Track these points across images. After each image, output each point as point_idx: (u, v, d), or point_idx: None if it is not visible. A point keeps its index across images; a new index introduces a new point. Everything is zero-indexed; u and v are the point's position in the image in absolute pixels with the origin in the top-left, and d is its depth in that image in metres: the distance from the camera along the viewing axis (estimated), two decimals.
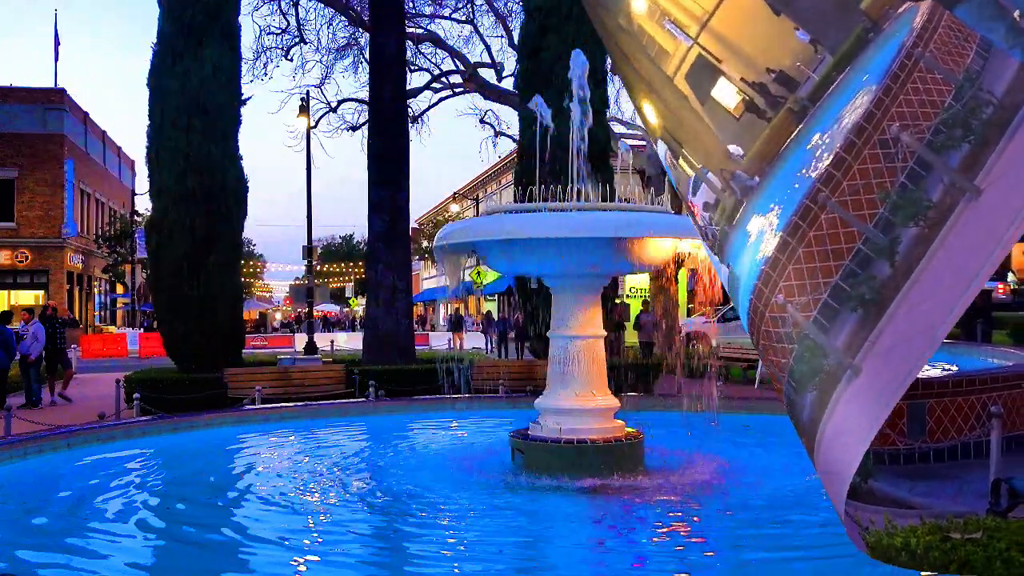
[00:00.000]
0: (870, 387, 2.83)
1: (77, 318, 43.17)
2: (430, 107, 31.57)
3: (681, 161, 3.80)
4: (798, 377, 3.01)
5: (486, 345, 35.75)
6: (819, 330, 2.96)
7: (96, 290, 51.87)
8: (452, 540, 6.36)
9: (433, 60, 30.49)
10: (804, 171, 3.13)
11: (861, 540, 2.96)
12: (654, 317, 20.93)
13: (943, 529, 2.87)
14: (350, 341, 40.71)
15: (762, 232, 3.22)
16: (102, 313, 53.23)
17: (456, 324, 42.23)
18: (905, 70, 3.02)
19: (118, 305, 56.74)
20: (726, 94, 3.54)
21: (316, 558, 6.04)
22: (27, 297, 41.29)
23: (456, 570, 5.67)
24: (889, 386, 2.81)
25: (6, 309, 21.23)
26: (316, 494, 7.73)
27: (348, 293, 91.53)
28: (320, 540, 6.43)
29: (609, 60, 23.86)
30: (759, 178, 3.32)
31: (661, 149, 4.00)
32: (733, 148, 3.48)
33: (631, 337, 24.26)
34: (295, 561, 5.94)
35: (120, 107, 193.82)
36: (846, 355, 2.89)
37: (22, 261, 42.15)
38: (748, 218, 3.32)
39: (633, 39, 4.02)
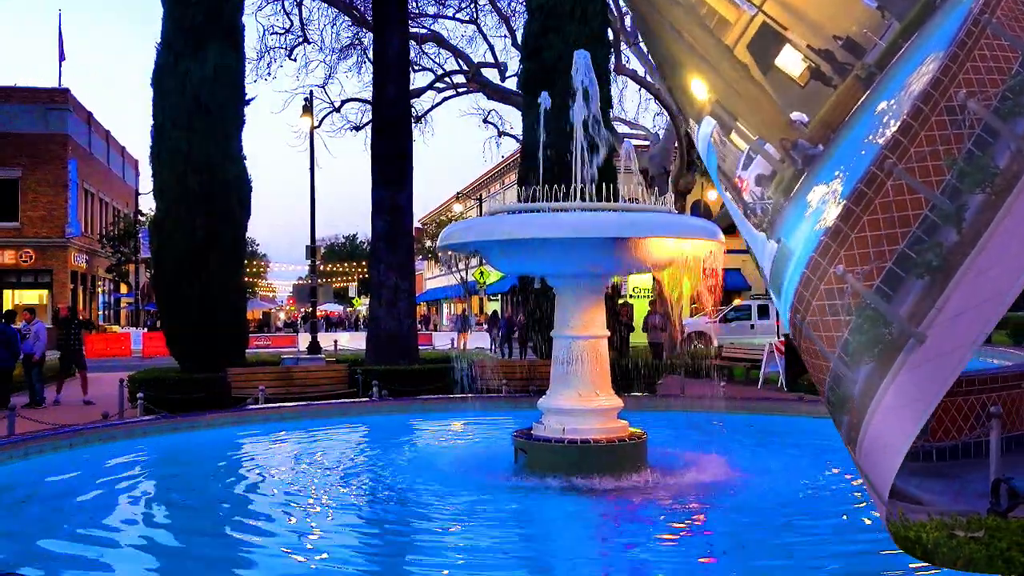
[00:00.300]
0: (935, 354, 2.82)
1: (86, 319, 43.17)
2: (433, 107, 31.63)
3: (733, 135, 3.76)
4: (853, 349, 2.97)
5: (491, 345, 35.75)
6: (882, 299, 2.94)
7: (100, 290, 51.93)
8: (455, 540, 6.35)
9: (436, 60, 30.57)
10: (871, 138, 3.12)
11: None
12: (663, 318, 20.85)
13: (948, 526, 2.87)
14: (353, 341, 40.74)
15: (824, 201, 3.18)
16: (106, 313, 53.28)
17: (463, 324, 42.25)
18: (972, 37, 3.02)
19: (122, 305, 56.82)
20: (791, 62, 3.52)
21: (319, 556, 6.04)
22: (31, 297, 41.42)
23: (459, 569, 5.66)
24: (954, 353, 2.81)
25: (9, 309, 21.23)
26: (318, 493, 7.73)
27: (351, 293, 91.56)
28: (323, 539, 6.42)
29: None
30: (823, 146, 3.30)
31: (705, 128, 3.94)
32: (797, 115, 3.46)
33: (636, 337, 24.24)
34: (298, 559, 5.95)
35: (124, 107, 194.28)
36: (910, 323, 2.87)
37: (26, 261, 42.20)
38: (809, 188, 3.29)
39: (688, 11, 4.00)
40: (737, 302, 38.21)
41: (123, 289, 55.30)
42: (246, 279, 21.84)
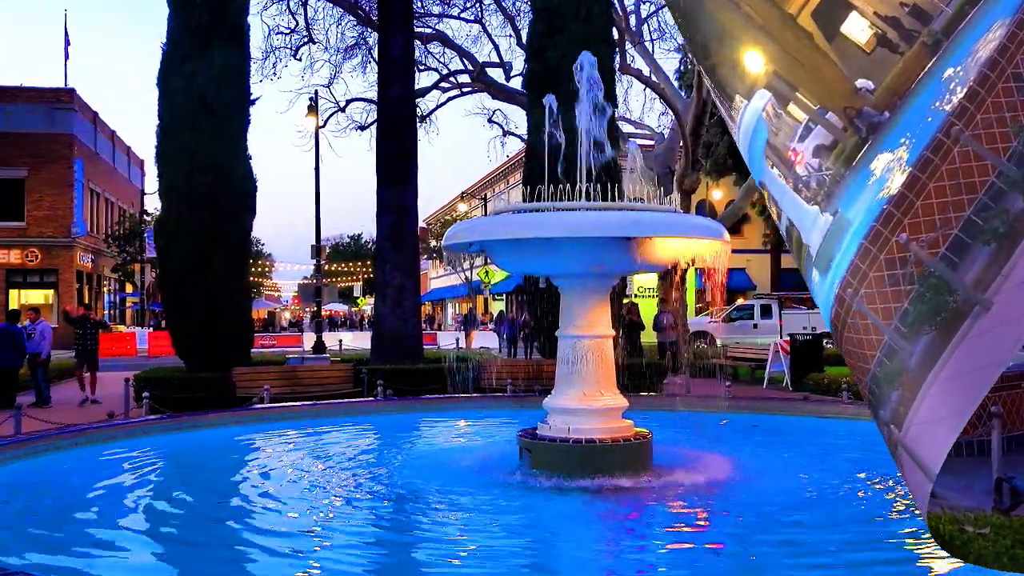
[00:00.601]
0: (1001, 321, 2.80)
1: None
2: (438, 107, 31.60)
3: (791, 107, 3.72)
4: (913, 319, 2.95)
5: (499, 344, 35.74)
6: (947, 266, 2.92)
7: (105, 289, 52.04)
8: (461, 538, 6.35)
9: (441, 60, 30.53)
10: (937, 104, 3.10)
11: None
12: (673, 317, 20.71)
13: (958, 521, 2.88)
14: (357, 340, 40.79)
15: (888, 169, 3.16)
16: (111, 312, 53.36)
17: (470, 323, 42.30)
18: None
19: (127, 304, 56.93)
20: (857, 29, 3.49)
21: (325, 554, 6.05)
22: (37, 296, 41.47)
23: (464, 569, 5.67)
24: (1021, 320, 2.79)
25: (14, 308, 21.25)
26: (323, 492, 7.74)
27: (356, 292, 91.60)
28: (328, 537, 6.42)
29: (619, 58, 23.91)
30: (888, 113, 3.28)
31: (757, 102, 3.88)
32: (862, 83, 3.44)
33: (645, 336, 24.19)
34: (303, 556, 5.95)
35: (130, 107, 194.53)
36: (976, 290, 2.86)
37: (32, 260, 42.33)
38: (873, 156, 3.26)
39: None
40: (740, 301, 38.22)
41: (128, 289, 55.42)
42: (251, 279, 21.86)
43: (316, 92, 28.48)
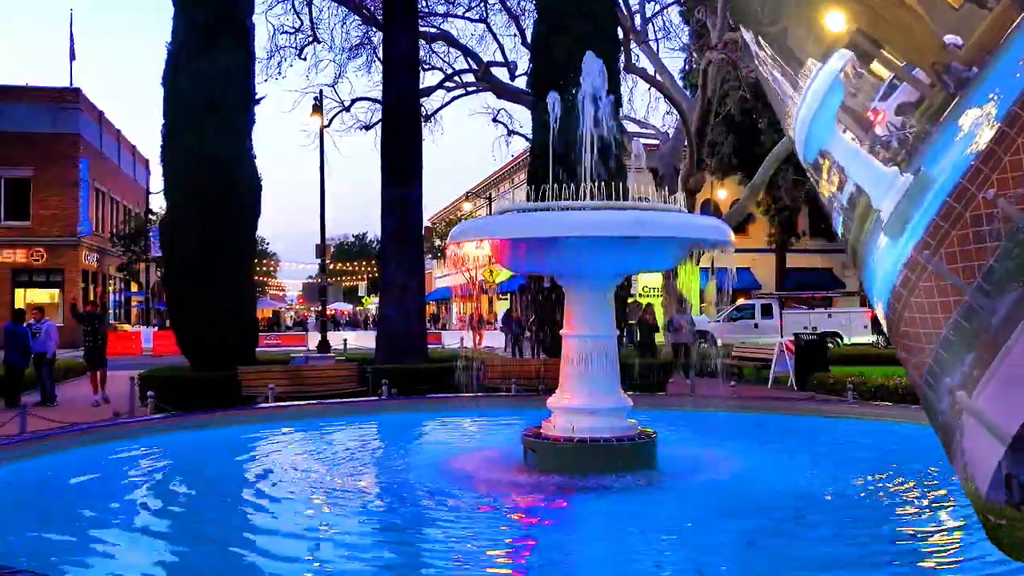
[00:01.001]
0: None
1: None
2: (443, 106, 31.60)
3: (874, 65, 3.69)
4: (999, 276, 2.91)
5: (504, 344, 35.69)
6: None
7: (111, 288, 52.11)
8: (465, 536, 6.36)
9: (446, 59, 30.55)
10: None
11: None
12: (690, 318, 20.49)
13: (984, 511, 2.89)
14: (362, 340, 40.83)
15: (976, 125, 3.11)
16: (117, 311, 53.46)
17: (478, 322, 42.31)
18: None
19: (133, 303, 57.05)
20: None
21: (329, 552, 6.07)
22: (42, 296, 41.54)
23: (468, 567, 5.67)
24: None
25: (19, 308, 21.29)
26: (327, 492, 7.74)
27: (361, 292, 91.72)
28: (332, 536, 6.42)
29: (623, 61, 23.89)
30: (977, 69, 3.24)
31: (836, 63, 3.84)
32: (950, 39, 3.42)
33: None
34: (309, 553, 5.98)
35: (135, 106, 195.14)
36: None
37: (37, 260, 42.46)
38: (960, 112, 3.21)
39: None
40: (740, 301, 38.18)
41: (134, 288, 55.58)
42: (256, 278, 21.88)
43: (321, 91, 28.50)
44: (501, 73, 29.39)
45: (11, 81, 47.85)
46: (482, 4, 29.00)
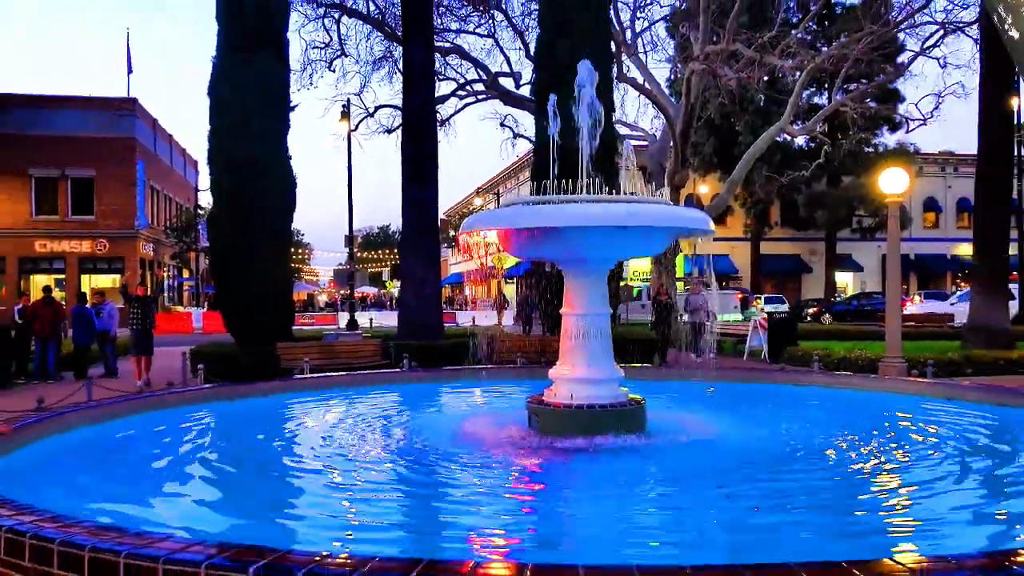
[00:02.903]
0: None
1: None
2: (456, 112, 31.44)
3: None
4: None
5: (514, 321, 35.60)
6: None
7: (165, 274, 52.31)
8: (478, 489, 6.39)
9: (459, 70, 30.41)
10: None
11: None
12: (705, 298, 20.02)
13: None
14: (385, 319, 40.87)
15: None
16: (170, 295, 53.64)
17: (501, 304, 42.22)
18: None
19: (184, 288, 57.23)
20: None
21: (360, 498, 6.12)
22: (105, 281, 41.71)
23: (481, 515, 5.69)
24: None
25: (82, 292, 21.37)
26: (358, 448, 7.79)
27: (385, 277, 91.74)
28: (361, 487, 6.47)
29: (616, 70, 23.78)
30: None
31: None
32: None
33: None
34: (340, 500, 6.03)
35: (187, 113, 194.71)
36: None
37: (101, 250, 42.70)
38: None
39: None
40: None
41: (185, 273, 55.76)
42: (292, 265, 21.90)
43: (348, 100, 28.49)
44: (507, 82, 29.30)
45: (76, 91, 47.76)
46: (490, 21, 28.87)
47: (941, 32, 25.47)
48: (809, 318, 37.68)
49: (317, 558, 3.16)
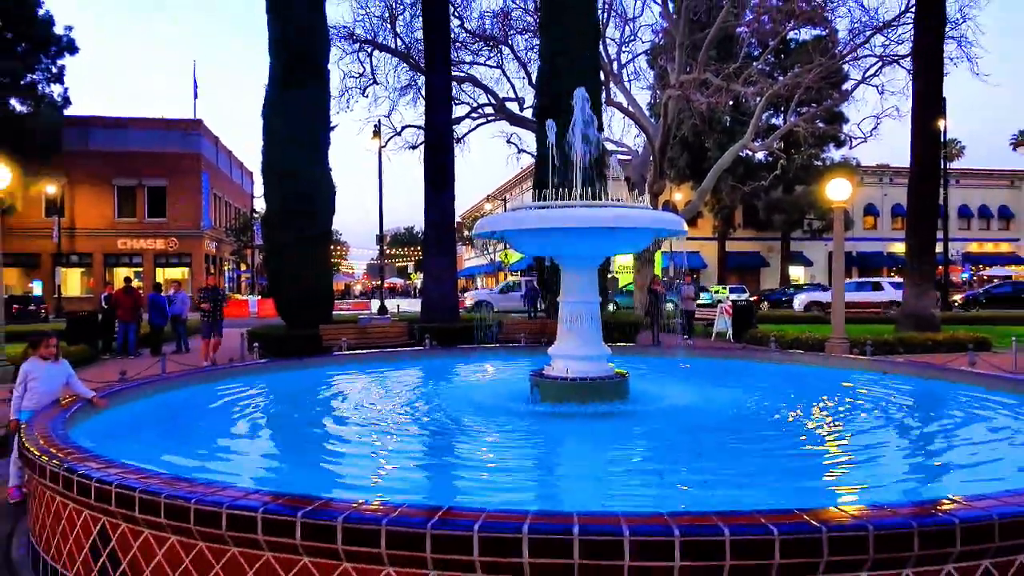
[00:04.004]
0: None
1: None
2: (470, 131, 31.31)
3: None
4: None
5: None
6: None
7: (226, 267, 52.40)
8: (489, 445, 6.40)
9: (472, 95, 30.26)
10: None
11: None
12: (695, 288, 19.58)
13: None
14: (410, 305, 40.85)
15: None
16: (230, 285, 53.75)
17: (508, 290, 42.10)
18: None
19: (242, 279, 57.34)
20: None
21: (389, 452, 6.15)
22: (175, 273, 41.92)
23: (493, 468, 5.71)
24: None
25: (157, 282, 21.44)
26: (386, 413, 7.80)
27: (410, 270, 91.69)
28: (390, 443, 6.47)
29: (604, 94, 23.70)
30: None
31: None
32: None
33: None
34: (373, 455, 6.04)
35: (242, 129, 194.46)
36: None
37: (172, 247, 42.86)
38: None
39: None
40: (510, 279, 38.52)
41: (243, 267, 55.84)
42: (332, 260, 21.89)
43: (379, 120, 28.53)
44: (513, 106, 29.13)
45: (153, 114, 47.74)
46: (499, 54, 28.74)
47: (880, 64, 25.29)
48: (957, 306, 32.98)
49: (354, 504, 3.17)
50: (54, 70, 36.65)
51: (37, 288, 40.20)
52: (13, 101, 35.22)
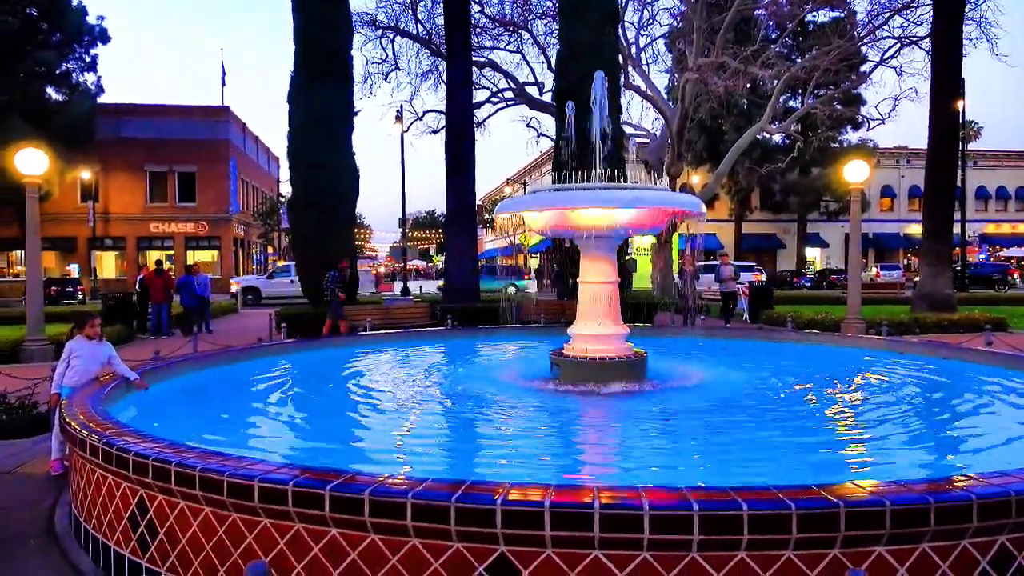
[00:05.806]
0: None
1: (241, 272, 44.08)
2: (490, 116, 31.17)
3: None
4: None
5: (539, 288, 35.48)
6: None
7: (253, 250, 52.89)
8: (511, 422, 6.42)
9: (492, 80, 30.10)
10: None
11: None
12: (734, 269, 18.76)
13: None
14: (432, 286, 40.93)
15: None
16: (257, 268, 54.23)
17: (540, 274, 42.14)
18: None
19: (269, 262, 57.80)
20: None
21: (414, 429, 6.18)
22: (204, 255, 42.50)
23: (512, 440, 5.73)
24: None
25: (189, 264, 21.66)
26: (410, 389, 7.86)
27: (431, 252, 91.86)
28: (414, 419, 6.52)
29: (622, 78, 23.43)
30: None
31: None
32: None
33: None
34: (399, 431, 6.09)
35: (269, 116, 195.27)
36: None
37: (202, 231, 43.31)
38: None
39: None
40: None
41: (270, 250, 56.26)
42: (356, 243, 21.98)
43: (401, 106, 28.47)
44: (532, 90, 28.94)
45: (180, 102, 48.01)
46: (518, 39, 28.50)
47: (898, 45, 24.74)
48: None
49: (380, 479, 3.20)
50: (87, 59, 36.92)
51: (75, 271, 40.88)
52: (49, 90, 35.56)
